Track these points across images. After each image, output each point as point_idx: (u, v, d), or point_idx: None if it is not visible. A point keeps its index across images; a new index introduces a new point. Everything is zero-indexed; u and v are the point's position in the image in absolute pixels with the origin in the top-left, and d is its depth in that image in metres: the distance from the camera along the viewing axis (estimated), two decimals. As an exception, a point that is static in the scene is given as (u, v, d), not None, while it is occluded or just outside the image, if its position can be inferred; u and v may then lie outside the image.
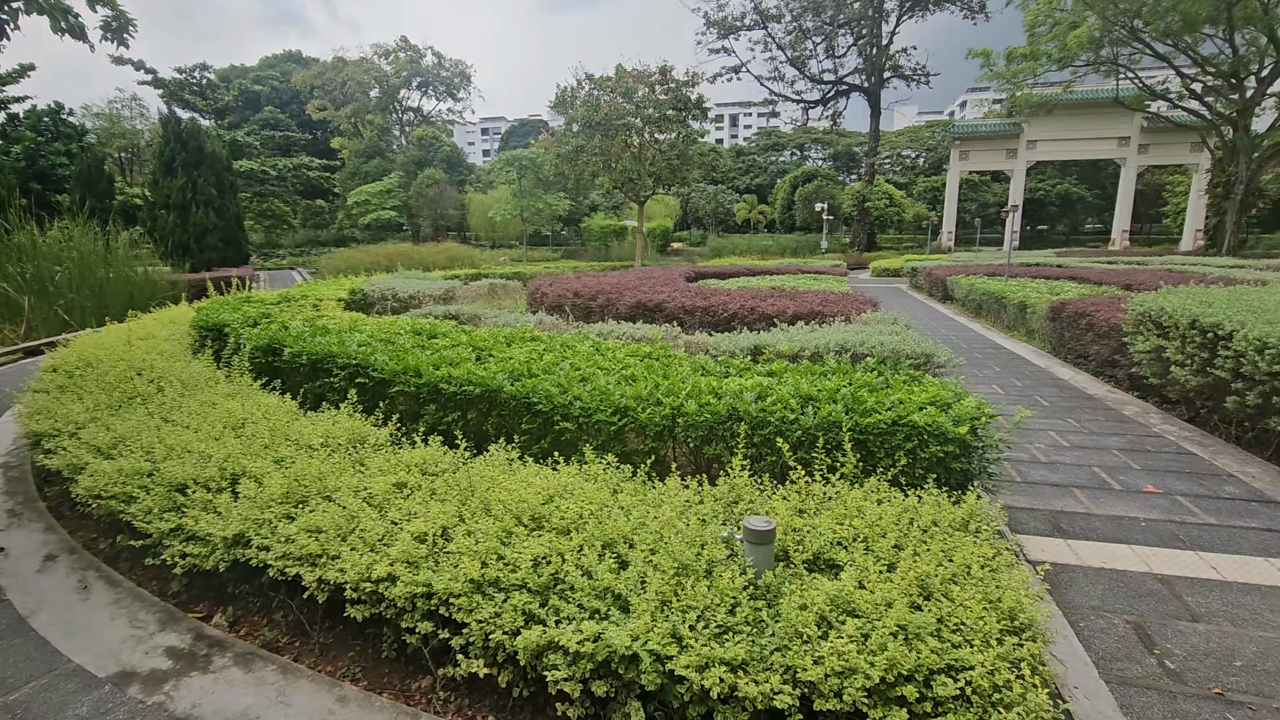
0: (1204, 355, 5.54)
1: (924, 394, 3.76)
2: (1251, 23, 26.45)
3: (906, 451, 3.39)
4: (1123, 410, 6.75)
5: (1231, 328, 5.13)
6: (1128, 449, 5.52)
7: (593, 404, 3.90)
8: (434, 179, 43.21)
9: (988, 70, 28.76)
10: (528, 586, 2.57)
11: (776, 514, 2.93)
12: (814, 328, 6.15)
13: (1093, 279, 14.40)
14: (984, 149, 43.89)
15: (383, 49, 56.95)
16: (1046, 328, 10.28)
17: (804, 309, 8.50)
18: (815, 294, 9.83)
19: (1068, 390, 7.69)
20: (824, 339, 5.19)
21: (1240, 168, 28.04)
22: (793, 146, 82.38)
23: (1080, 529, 4.06)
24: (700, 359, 4.90)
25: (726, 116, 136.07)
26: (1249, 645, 2.90)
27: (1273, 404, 4.82)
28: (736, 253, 42.83)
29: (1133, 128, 39.77)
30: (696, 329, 9.10)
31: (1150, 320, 6.51)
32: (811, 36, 40.67)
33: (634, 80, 22.38)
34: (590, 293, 10.79)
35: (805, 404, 3.70)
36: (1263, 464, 5.12)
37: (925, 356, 4.83)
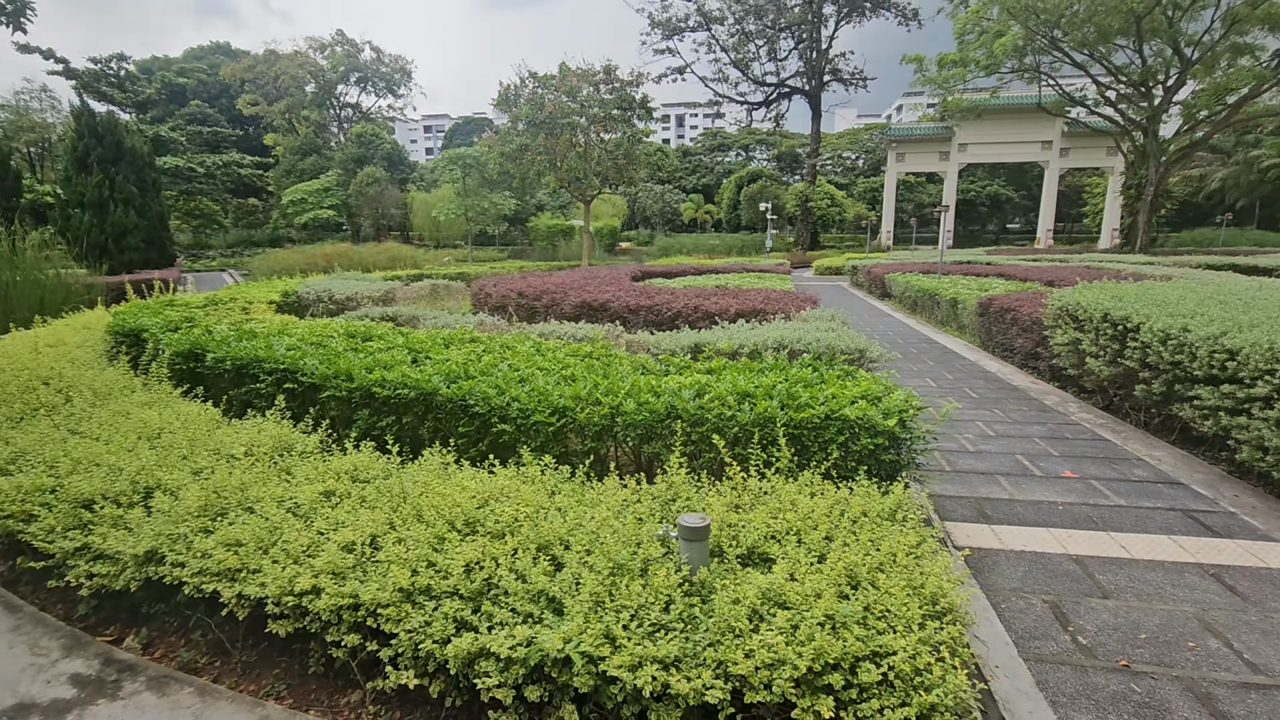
0: (1115, 347, 5.88)
1: (856, 388, 3.86)
2: (1158, 35, 28.28)
3: (839, 445, 3.48)
4: (1044, 400, 7.10)
5: (1139, 320, 5.46)
6: (1048, 437, 5.81)
7: (531, 405, 3.86)
8: (374, 177, 41.97)
9: (921, 75, 29.84)
10: (460, 593, 2.51)
11: (713, 510, 2.96)
12: (755, 325, 6.24)
13: (1019, 276, 15.11)
14: (919, 151, 45.54)
15: (318, 42, 54.99)
16: (976, 323, 10.73)
17: (746, 307, 8.62)
18: (758, 292, 9.99)
19: (995, 382, 8.05)
20: (763, 336, 5.28)
21: (1150, 171, 29.94)
22: (738, 147, 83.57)
23: (1004, 514, 4.24)
24: (641, 358, 4.90)
25: (673, 117, 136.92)
26: (1153, 618, 3.09)
27: (1175, 391, 5.15)
28: (684, 252, 43.21)
29: (1055, 132, 41.96)
30: (641, 328, 9.12)
31: (1068, 314, 6.88)
32: (754, 39, 41.37)
33: (578, 79, 22.27)
34: (535, 293, 10.68)
35: (742, 400, 3.75)
36: (1168, 448, 5.47)
37: (859, 352, 4.97)
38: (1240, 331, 4.47)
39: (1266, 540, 3.84)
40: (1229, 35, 26.80)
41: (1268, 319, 4.73)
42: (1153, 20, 26.93)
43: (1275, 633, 2.98)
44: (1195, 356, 4.71)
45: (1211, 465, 5.06)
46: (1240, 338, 4.36)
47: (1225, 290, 6.68)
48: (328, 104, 57.55)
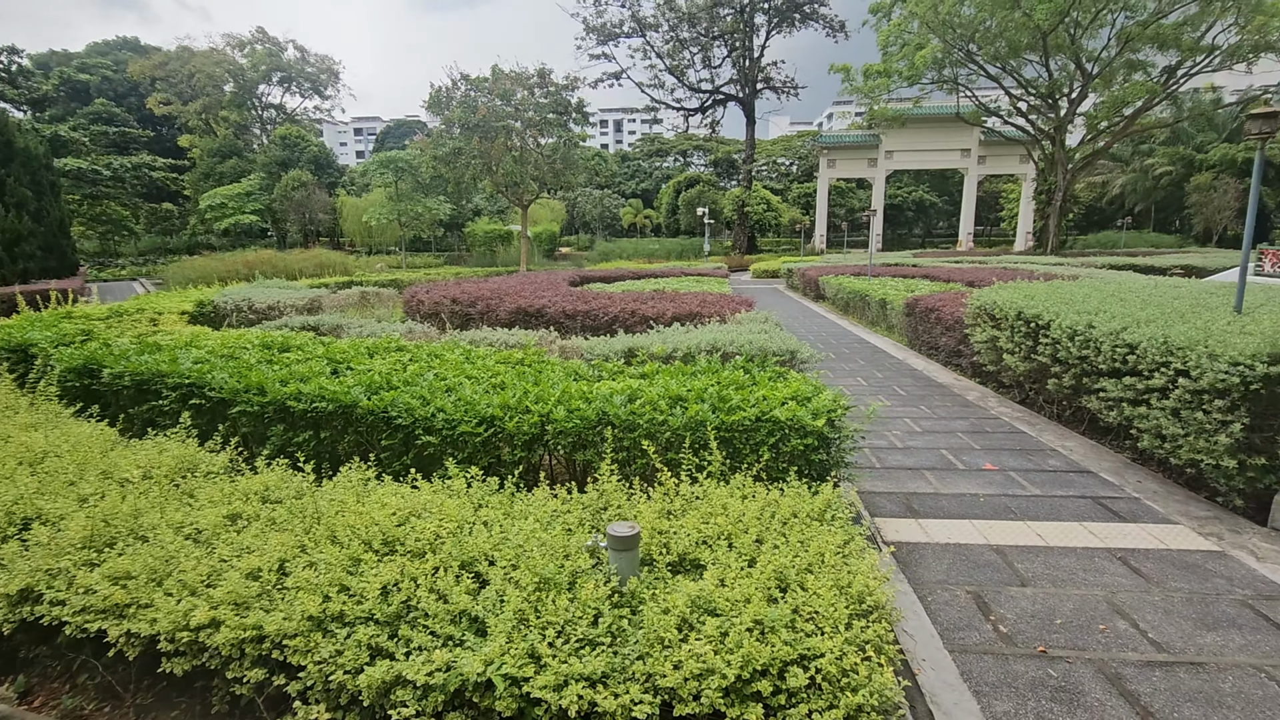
0: (1029, 343, 6.18)
1: (787, 389, 3.89)
2: (1062, 51, 30.23)
3: (770, 446, 3.49)
4: (966, 395, 7.40)
5: (1049, 318, 5.75)
6: (970, 431, 6.04)
7: (457, 415, 3.71)
8: (300, 181, 40.26)
9: (848, 85, 30.90)
10: (375, 618, 2.37)
11: (644, 518, 2.90)
12: (690, 328, 6.26)
13: (942, 277, 15.78)
14: (848, 158, 47.11)
15: (237, 40, 52.38)
16: (903, 323, 11.12)
17: (683, 310, 8.65)
18: (695, 295, 10.05)
19: (921, 379, 8.34)
20: (696, 339, 5.28)
21: (1059, 177, 31.92)
22: (675, 152, 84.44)
23: (930, 508, 4.37)
24: (573, 364, 4.82)
25: (611, 122, 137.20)
26: (1067, 604, 3.22)
27: (1083, 384, 5.44)
28: (624, 256, 43.25)
29: (973, 141, 44.20)
30: (578, 333, 9.02)
31: (985, 314, 7.19)
32: (689, 47, 41.90)
33: (511, 82, 21.99)
34: (469, 299, 10.43)
35: (674, 405, 3.72)
36: (1078, 438, 5.78)
37: (790, 353, 5.04)
38: (1138, 327, 4.76)
39: (1166, 523, 4.08)
40: (1123, 52, 28.90)
41: (1162, 314, 5.05)
42: (1057, 37, 28.74)
43: (1175, 611, 3.15)
44: (1100, 351, 4.98)
45: (1117, 453, 5.37)
46: (1139, 332, 4.64)
47: (1125, 288, 7.14)
48: (249, 104, 54.90)
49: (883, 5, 31.68)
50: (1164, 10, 27.22)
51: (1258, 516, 4.09)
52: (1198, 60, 28.53)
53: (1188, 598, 3.26)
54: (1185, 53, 28.23)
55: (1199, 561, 3.61)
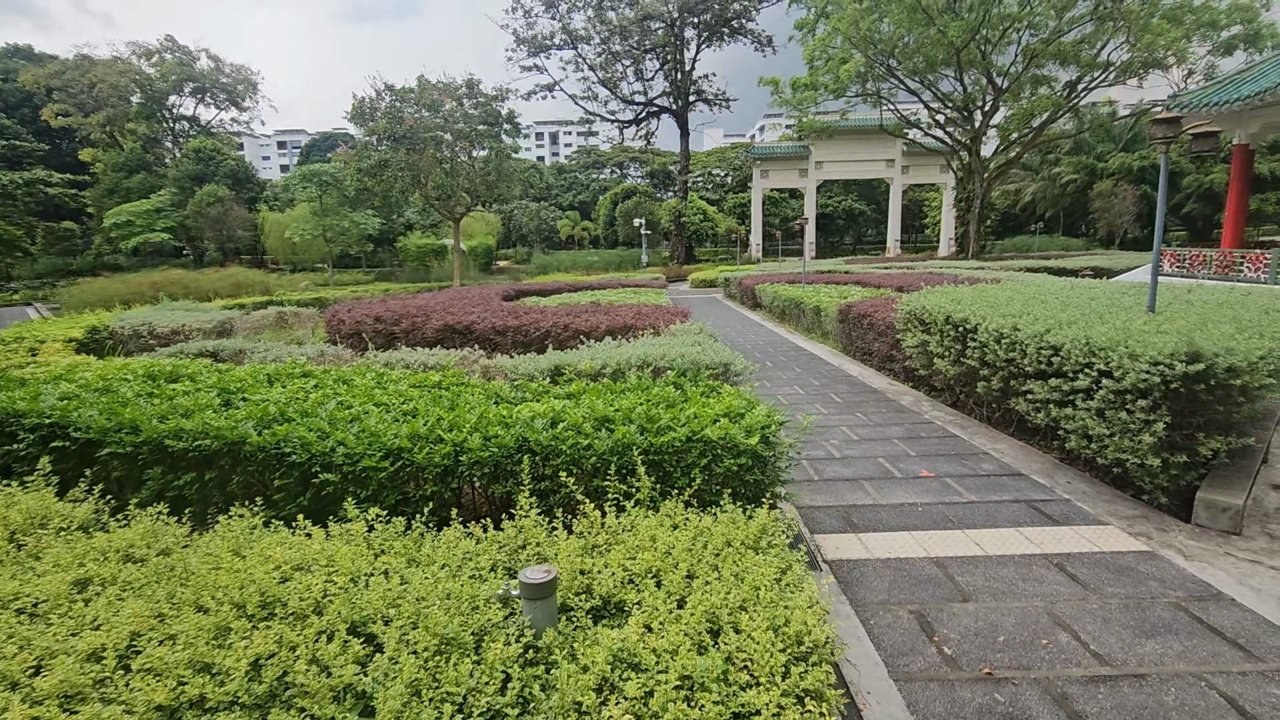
0: (958, 347, 6.23)
1: (720, 405, 3.70)
2: (974, 67, 31.86)
3: (702, 468, 3.28)
4: (901, 400, 7.44)
5: (976, 322, 5.80)
6: (906, 437, 6.03)
7: (359, 448, 3.36)
8: (216, 196, 38.11)
9: (777, 97, 31.62)
10: (240, 701, 2.01)
11: (565, 556, 2.63)
12: (623, 343, 6.03)
13: (873, 283, 16.14)
14: (781, 169, 48.23)
15: (143, 48, 49.44)
16: (837, 329, 11.24)
17: (617, 323, 8.43)
18: (629, 308, 9.85)
19: (857, 386, 8.37)
20: (626, 355, 5.06)
21: (976, 186, 33.51)
22: (612, 164, 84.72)
23: (869, 521, 4.25)
24: (495, 385, 4.51)
25: (547, 135, 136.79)
26: (1009, 618, 3.12)
27: (1011, 387, 5.49)
28: (562, 269, 42.86)
29: (896, 152, 46.01)
30: (509, 350, 8.68)
31: (916, 318, 7.26)
32: (621, 60, 42.09)
33: (439, 93, 21.40)
34: (393, 317, 9.92)
35: (601, 427, 3.48)
36: (1009, 440, 5.84)
37: (723, 366, 4.87)
38: (1061, 328, 4.82)
39: (1098, 524, 4.09)
40: (1029, 68, 30.68)
41: (1082, 316, 5.15)
42: (969, 53, 30.26)
43: (1114, 619, 3.09)
44: (1025, 354, 5.03)
45: (1046, 454, 5.43)
46: (1062, 334, 4.69)
47: (1045, 290, 7.34)
48: (158, 116, 51.83)
49: (807, 21, 32.67)
50: (1063, 29, 29.07)
51: (1182, 513, 4.15)
52: (1095, 75, 30.56)
53: (1124, 604, 3.22)
54: (1084, 68, 30.21)
55: (1131, 564, 3.61)
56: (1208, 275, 15.30)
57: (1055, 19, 28.46)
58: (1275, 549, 3.73)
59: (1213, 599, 3.25)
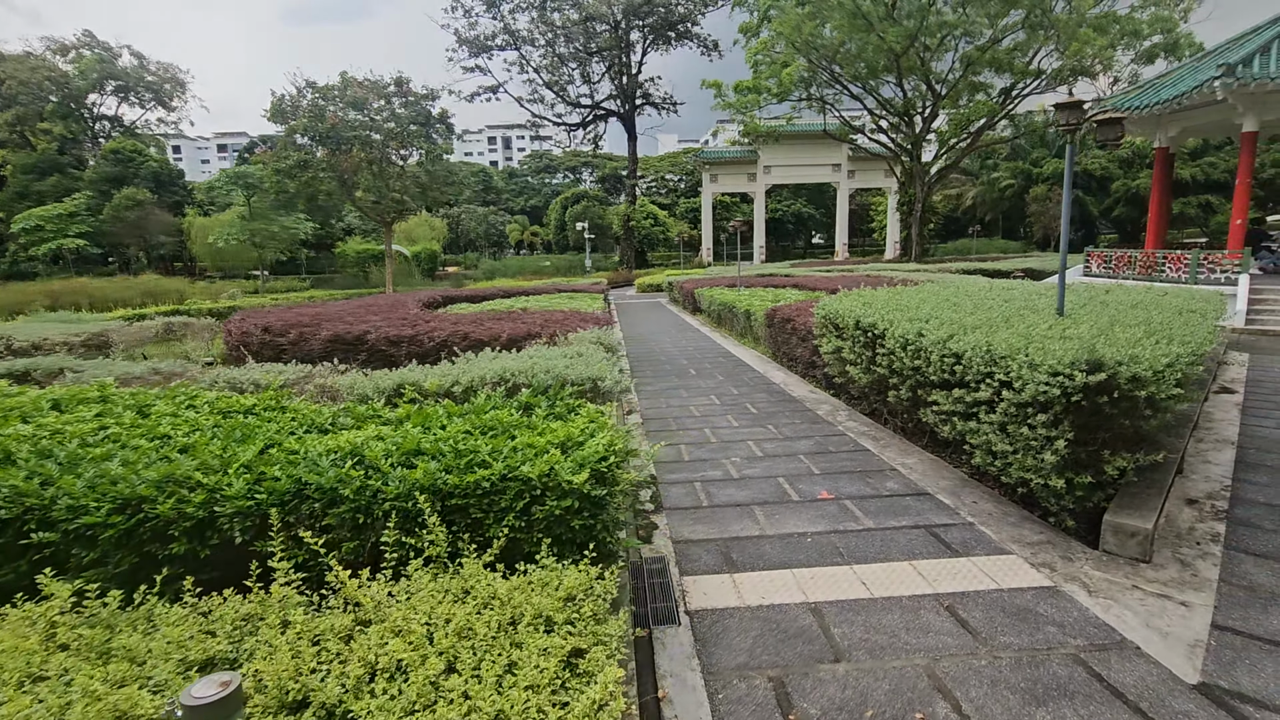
0: (868, 354, 5.81)
1: (562, 431, 3.11)
2: (914, 73, 32.32)
3: (517, 513, 2.69)
4: (818, 410, 7.01)
5: (884, 327, 5.38)
6: (813, 452, 5.56)
7: (87, 499, 2.65)
8: (135, 200, 35.94)
9: (720, 100, 31.47)
10: None
11: (281, 656, 2.00)
12: (498, 354, 5.39)
13: (810, 286, 15.89)
14: (730, 173, 48.31)
15: (59, 44, 46.58)
16: (766, 334, 10.83)
17: (520, 331, 7.81)
18: (540, 315, 9.24)
19: (776, 394, 7.92)
20: (480, 371, 4.42)
21: (917, 190, 33.99)
22: (564, 169, 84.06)
23: (751, 557, 3.73)
24: (311, 410, 3.83)
25: (500, 139, 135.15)
26: (883, 684, 2.61)
27: (919, 397, 5.07)
28: (509, 274, 41.96)
29: (842, 156, 46.58)
30: (402, 361, 7.95)
31: (830, 323, 6.84)
32: (567, 63, 41.49)
33: (365, 90, 20.39)
34: (282, 327, 9.07)
35: (408, 461, 2.85)
36: (920, 453, 5.42)
37: (591, 381, 4.30)
38: (964, 334, 4.40)
39: (1000, 554, 3.65)
40: (966, 75, 31.26)
41: (987, 321, 4.76)
42: (909, 59, 30.66)
43: (1003, 680, 2.62)
44: (930, 361, 4.60)
45: (956, 468, 5.02)
46: (964, 340, 4.27)
47: (962, 292, 7.01)
48: (76, 115, 48.87)
49: (751, 26, 32.64)
50: (998, 36, 29.71)
51: (1089, 537, 3.75)
52: (1029, 82, 31.33)
53: (1017, 658, 2.75)
54: (1017, 75, 30.94)
55: (1030, 603, 3.15)
56: (1132, 276, 15.51)
57: (990, 27, 29.04)
58: (1186, 579, 3.34)
59: (1116, 647, 2.81)
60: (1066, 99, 4.62)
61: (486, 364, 4.63)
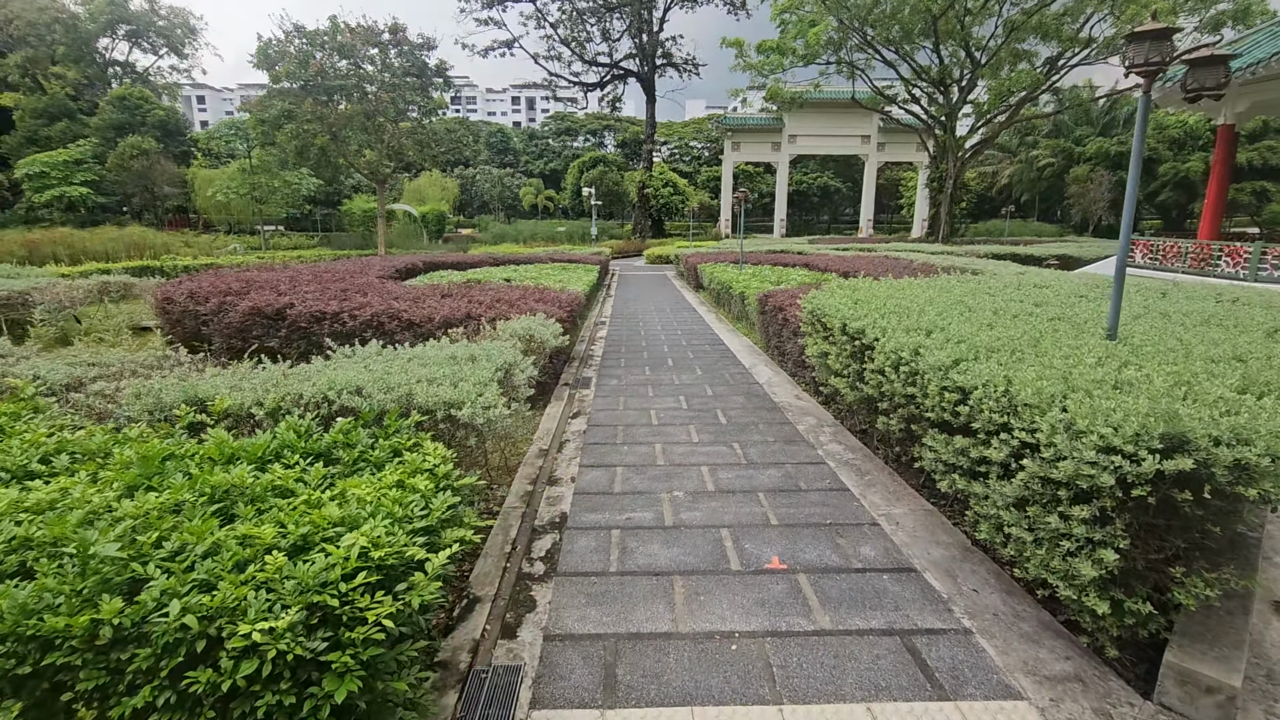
0: (855, 367, 4.61)
1: (333, 511, 2.01)
2: (952, 38, 30.03)
3: (163, 686, 1.60)
4: (799, 425, 5.83)
5: (874, 336, 4.16)
6: (779, 489, 4.41)
7: None
8: (140, 148, 35.09)
9: (741, 60, 29.54)
10: None
11: None
12: (382, 350, 4.27)
13: (820, 267, 14.52)
14: (753, 141, 46.20)
15: (67, -17, 45.43)
16: (759, 321, 9.61)
17: (460, 312, 6.72)
18: (497, 291, 8.11)
19: (756, 399, 6.74)
20: (297, 388, 3.28)
21: (950, 165, 31.93)
22: (586, 132, 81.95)
23: (639, 679, 2.62)
24: (38, 438, 2.75)
25: (524, 99, 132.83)
26: None
27: (914, 432, 3.88)
28: (520, 239, 40.71)
29: (872, 127, 44.21)
30: (322, 339, 6.91)
31: (818, 321, 5.62)
32: (585, 18, 39.45)
33: (355, 37, 19.02)
34: (204, 295, 8.05)
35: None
36: (913, 499, 4.24)
37: (445, 407, 3.16)
38: (975, 361, 3.19)
39: (1004, 697, 2.50)
40: (1009, 42, 28.93)
41: (1009, 341, 3.51)
42: (947, 22, 28.42)
43: None
44: (926, 392, 3.40)
45: (956, 528, 3.85)
46: (973, 371, 3.06)
47: (981, 290, 5.73)
48: (90, 60, 47.91)
49: (779, -19, 30.45)
50: (1045, 1, 27.32)
51: (1140, 677, 2.59)
52: (1076, 51, 28.93)
53: None
54: (1065, 43, 28.55)
55: (1045, 813, 2.02)
56: (1182, 269, 13.91)
57: (1038, -12, 26.67)
58: (1291, 771, 2.18)
59: None
60: (1150, 27, 3.32)
61: (339, 370, 3.49)
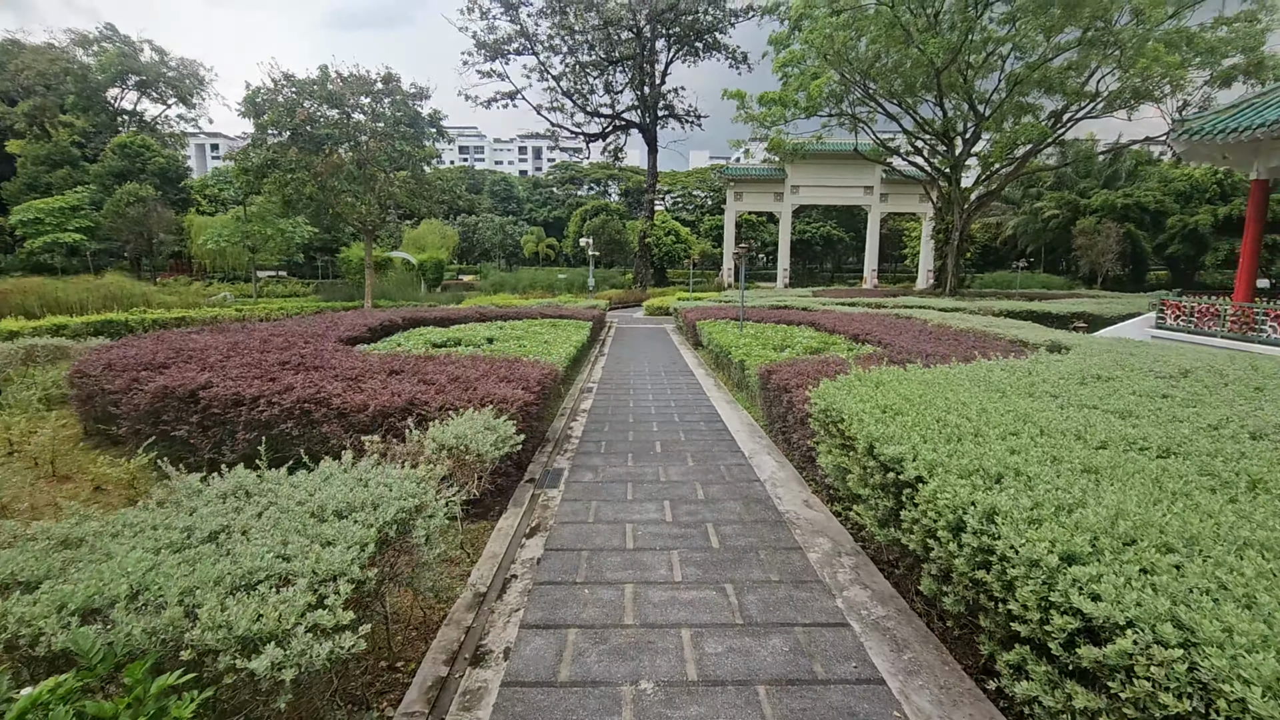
0: (889, 503, 3.45)
1: None
2: (955, 91, 29.77)
3: None
4: (810, 552, 4.63)
5: (915, 471, 3.02)
6: (786, 677, 3.19)
7: None
8: (137, 195, 34.80)
9: (743, 112, 29.26)
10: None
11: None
12: (205, 483, 3.15)
13: (828, 326, 13.50)
14: (755, 191, 46.01)
15: (80, 36, 46.27)
16: (761, 398, 8.49)
17: (400, 398, 5.63)
18: (451, 365, 7.01)
19: (756, 506, 5.55)
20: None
21: (955, 217, 31.29)
22: (590, 181, 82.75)
23: None
24: None
25: (530, 149, 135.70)
26: None
27: (982, 624, 2.69)
28: (519, 288, 40.08)
29: (875, 178, 44.00)
30: (239, 432, 5.80)
31: (832, 424, 4.48)
32: (588, 70, 39.72)
33: (346, 86, 18.56)
34: (123, 367, 6.99)
35: None
36: (975, 701, 3.02)
37: (241, 645, 1.98)
38: (1099, 559, 2.02)
39: None
40: (1013, 95, 28.63)
41: (1144, 510, 2.32)
42: (950, 76, 28.16)
43: None
44: (1013, 590, 2.23)
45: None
46: (1109, 589, 1.89)
47: (1039, 384, 4.58)
48: (98, 109, 48.48)
49: (781, 37, 30.39)
50: (1048, 55, 27.07)
51: None
52: (1083, 105, 28.58)
53: None
54: (1070, 97, 28.22)
55: None
56: (1221, 333, 12.81)
57: (1044, 43, 26.43)
58: None
59: None
60: None
61: (88, 568, 2.34)
